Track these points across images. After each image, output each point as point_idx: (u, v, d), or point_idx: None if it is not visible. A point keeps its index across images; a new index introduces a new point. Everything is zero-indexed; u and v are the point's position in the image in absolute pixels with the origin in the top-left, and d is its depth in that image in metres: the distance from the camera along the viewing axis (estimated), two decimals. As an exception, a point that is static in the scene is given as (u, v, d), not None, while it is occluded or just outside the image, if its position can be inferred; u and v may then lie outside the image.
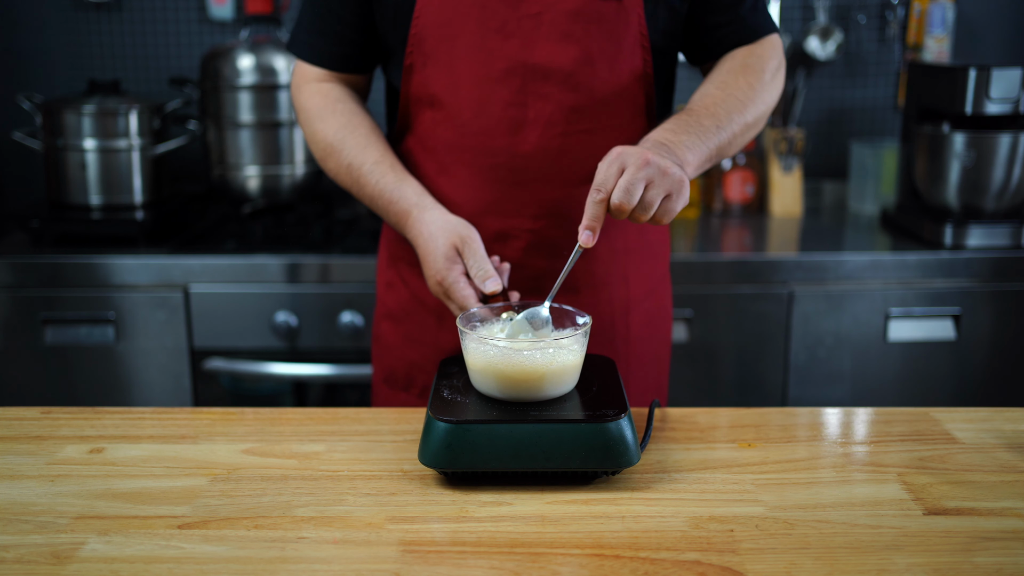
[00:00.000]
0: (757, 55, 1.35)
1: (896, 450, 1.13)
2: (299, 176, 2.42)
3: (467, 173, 1.34)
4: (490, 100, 1.30)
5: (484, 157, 1.32)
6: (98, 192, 2.32)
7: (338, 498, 1.01)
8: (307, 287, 2.14)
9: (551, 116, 1.30)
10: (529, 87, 1.29)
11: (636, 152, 1.07)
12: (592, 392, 1.09)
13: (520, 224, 1.35)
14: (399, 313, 1.46)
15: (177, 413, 1.24)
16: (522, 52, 1.29)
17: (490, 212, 1.34)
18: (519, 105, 1.30)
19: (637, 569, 0.87)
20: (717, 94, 1.29)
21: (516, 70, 1.29)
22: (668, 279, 1.53)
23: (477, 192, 1.34)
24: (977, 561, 0.89)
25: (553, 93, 1.30)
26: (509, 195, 1.34)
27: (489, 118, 1.31)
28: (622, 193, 1.06)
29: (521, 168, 1.32)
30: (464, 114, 1.31)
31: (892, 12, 2.69)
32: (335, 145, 1.36)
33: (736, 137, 1.28)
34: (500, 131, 1.31)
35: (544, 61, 1.29)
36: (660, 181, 1.07)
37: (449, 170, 1.35)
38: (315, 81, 1.40)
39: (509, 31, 1.28)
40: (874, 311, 2.19)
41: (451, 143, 1.33)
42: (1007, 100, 2.22)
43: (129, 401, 2.19)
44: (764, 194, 2.65)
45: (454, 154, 1.34)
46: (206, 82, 2.38)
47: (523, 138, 1.31)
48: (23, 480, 1.04)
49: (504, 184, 1.33)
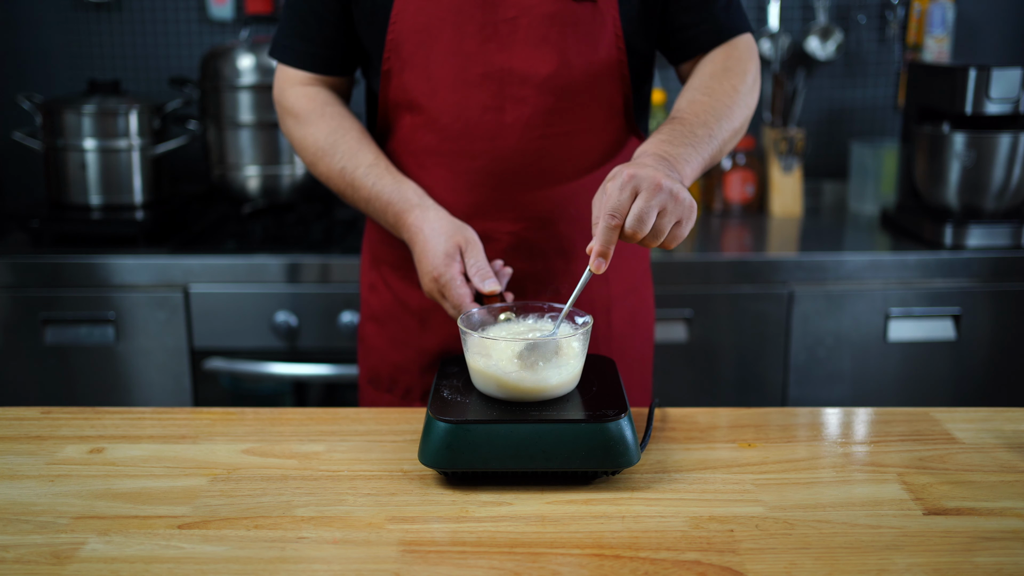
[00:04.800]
0: (736, 58, 1.34)
1: (896, 450, 1.13)
2: (299, 176, 2.42)
3: (447, 177, 1.34)
4: (468, 104, 1.31)
5: (464, 161, 1.33)
6: (98, 192, 2.33)
7: (338, 498, 1.01)
8: (307, 287, 2.14)
9: (529, 119, 1.31)
10: (507, 91, 1.30)
11: (649, 177, 1.05)
12: (592, 392, 1.09)
13: (501, 227, 1.36)
14: (382, 315, 1.47)
15: (177, 413, 1.24)
16: (499, 56, 1.29)
17: (471, 215, 1.34)
18: (497, 109, 1.31)
19: (637, 569, 0.88)
20: (705, 100, 1.29)
21: (493, 74, 1.30)
22: (649, 276, 1.53)
23: (458, 195, 1.34)
24: (977, 561, 0.89)
25: (530, 96, 1.30)
26: (489, 198, 1.34)
27: (467, 122, 1.31)
28: (636, 221, 1.04)
29: (501, 171, 1.33)
30: (443, 118, 1.32)
31: (892, 12, 2.69)
32: (326, 148, 1.35)
33: (725, 143, 1.28)
34: (479, 135, 1.31)
35: (521, 65, 1.29)
36: (673, 208, 1.06)
37: (430, 173, 1.35)
38: (299, 84, 1.40)
39: (486, 35, 1.29)
40: (874, 311, 2.19)
41: (431, 147, 1.34)
42: (1007, 100, 2.22)
43: (129, 401, 2.19)
44: (764, 194, 2.65)
45: (434, 158, 1.34)
46: (206, 82, 2.38)
47: (502, 142, 1.31)
48: (23, 480, 1.04)
49: (484, 187, 1.34)
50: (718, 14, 1.35)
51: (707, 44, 1.36)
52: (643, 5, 1.33)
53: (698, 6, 1.35)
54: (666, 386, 2.18)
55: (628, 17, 1.32)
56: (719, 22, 1.35)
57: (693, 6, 1.35)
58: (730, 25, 1.36)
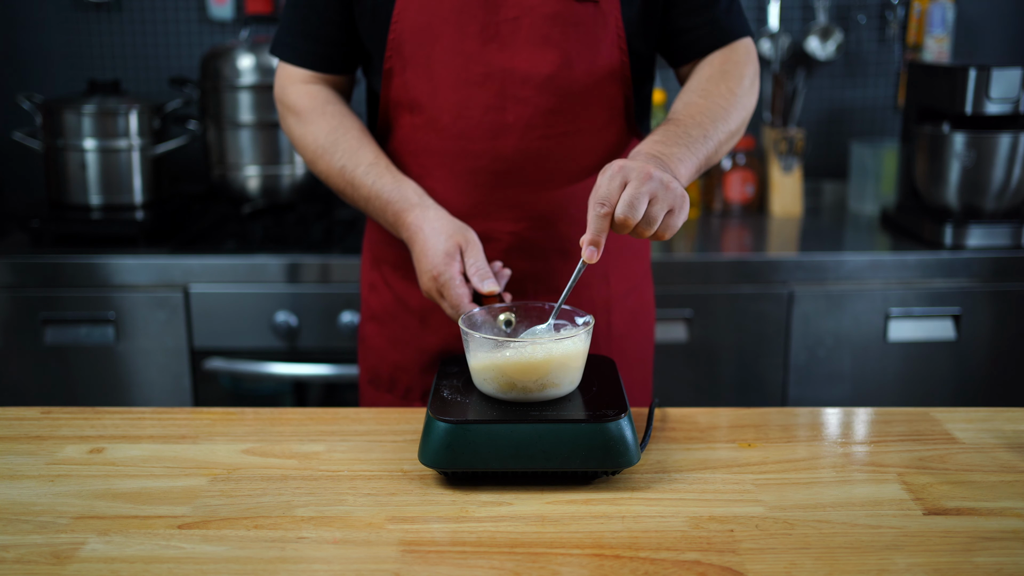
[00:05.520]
0: (734, 61, 1.35)
1: (896, 450, 1.13)
2: (299, 176, 2.42)
3: (448, 176, 1.34)
4: (469, 104, 1.31)
5: (465, 161, 1.33)
6: (98, 192, 2.33)
7: (338, 498, 1.01)
8: (307, 287, 2.14)
9: (530, 119, 1.31)
10: (508, 91, 1.30)
11: (638, 166, 1.06)
12: (592, 392, 1.09)
13: (502, 227, 1.36)
14: (383, 315, 1.47)
15: (177, 413, 1.24)
16: (501, 56, 1.29)
17: (472, 215, 1.34)
18: (498, 109, 1.31)
19: (637, 569, 0.88)
20: (701, 103, 1.29)
21: (495, 74, 1.30)
22: (650, 276, 1.53)
23: (459, 195, 1.34)
24: (977, 561, 0.89)
25: (532, 97, 1.30)
26: (490, 198, 1.34)
27: (468, 122, 1.31)
28: (626, 207, 1.04)
29: (502, 171, 1.33)
30: (443, 118, 1.32)
31: (892, 12, 2.69)
32: (327, 147, 1.35)
33: (721, 145, 1.28)
34: (480, 135, 1.31)
35: (523, 65, 1.29)
36: (663, 196, 1.06)
37: (431, 173, 1.35)
38: (300, 83, 1.40)
39: (488, 36, 1.29)
40: (874, 311, 2.19)
41: (432, 147, 1.34)
42: (1007, 100, 2.22)
43: (129, 401, 2.19)
44: (764, 194, 2.65)
45: (435, 158, 1.34)
46: (206, 82, 2.38)
47: (503, 142, 1.31)
48: (23, 480, 1.04)
49: (485, 187, 1.34)
50: (719, 18, 1.35)
51: (707, 47, 1.36)
52: (645, 6, 1.33)
53: (699, 9, 1.35)
54: (666, 386, 2.17)
55: (630, 18, 1.32)
56: (719, 25, 1.35)
57: (694, 9, 1.35)
58: (730, 29, 1.36)
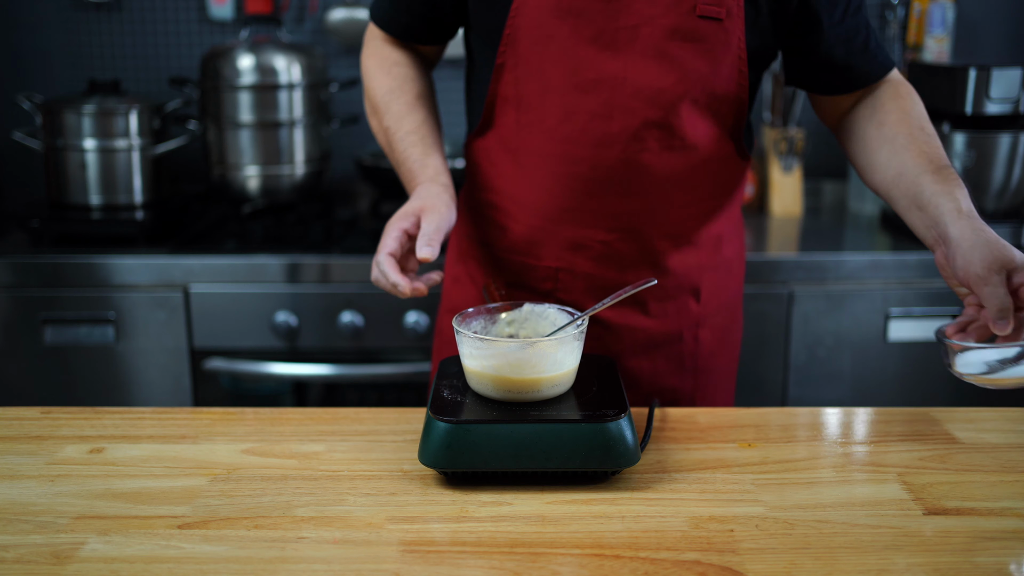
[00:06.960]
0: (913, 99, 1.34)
1: (896, 450, 1.13)
2: (299, 176, 2.42)
3: (547, 179, 1.33)
4: (577, 109, 1.28)
5: (566, 165, 1.31)
6: (98, 192, 2.33)
7: (338, 498, 1.01)
8: (307, 287, 2.14)
9: (636, 132, 1.28)
10: (616, 100, 1.27)
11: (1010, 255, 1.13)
12: (592, 392, 1.09)
13: (594, 235, 1.34)
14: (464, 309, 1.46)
15: (177, 413, 1.24)
16: (613, 64, 1.26)
17: (566, 220, 1.33)
18: (605, 117, 1.27)
19: (637, 569, 0.88)
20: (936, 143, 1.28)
21: (605, 82, 1.26)
22: (740, 298, 1.51)
23: (555, 199, 1.33)
24: (977, 561, 0.89)
25: (640, 109, 1.27)
26: (586, 205, 1.33)
27: (574, 127, 1.29)
28: None
29: (601, 179, 1.31)
30: (549, 120, 1.30)
31: (892, 12, 2.69)
32: (379, 106, 1.41)
33: None
34: (584, 141, 1.29)
35: (635, 76, 1.26)
36: None
37: (529, 174, 1.34)
38: (380, 40, 1.45)
39: (604, 42, 1.25)
40: (874, 311, 2.19)
41: (534, 147, 1.32)
42: (1007, 100, 2.22)
43: (129, 401, 2.19)
44: (764, 194, 2.65)
45: (536, 158, 1.32)
46: (206, 82, 2.38)
47: (606, 151, 1.29)
48: (23, 480, 1.04)
49: (582, 194, 1.32)
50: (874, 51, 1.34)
51: (865, 83, 1.35)
52: (773, 29, 1.29)
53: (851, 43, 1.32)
54: (666, 386, 2.17)
55: (753, 41, 1.28)
56: (876, 60, 1.34)
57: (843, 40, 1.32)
58: (885, 61, 1.35)
